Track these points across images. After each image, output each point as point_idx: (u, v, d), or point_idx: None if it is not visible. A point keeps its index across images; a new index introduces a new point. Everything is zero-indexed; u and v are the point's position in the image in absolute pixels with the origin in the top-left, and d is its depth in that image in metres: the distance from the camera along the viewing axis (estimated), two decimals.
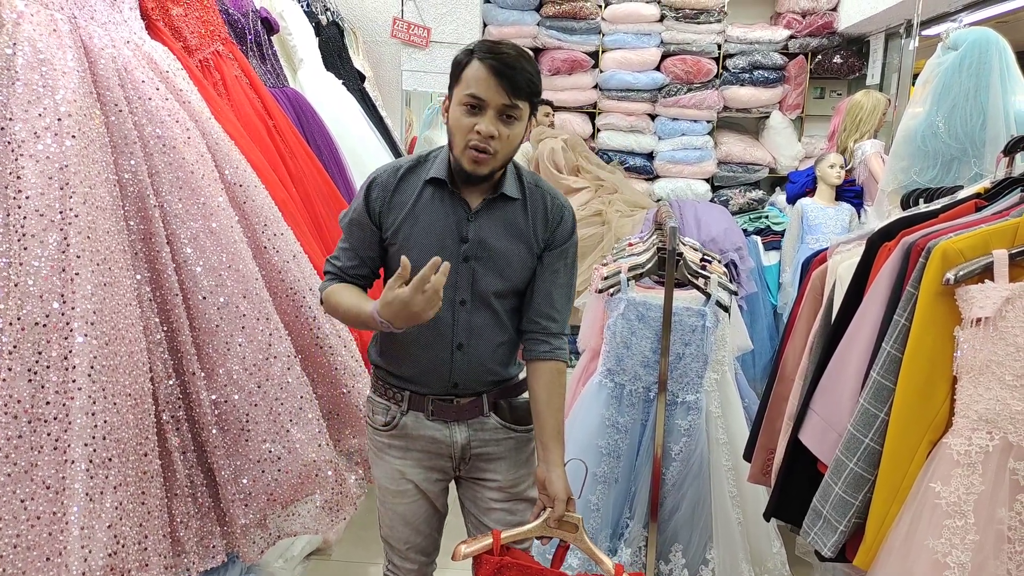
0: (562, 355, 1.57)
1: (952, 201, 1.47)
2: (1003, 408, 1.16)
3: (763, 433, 1.89)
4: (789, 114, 4.91)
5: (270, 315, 1.65)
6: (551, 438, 1.51)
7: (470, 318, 1.51)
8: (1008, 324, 1.16)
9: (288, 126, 2.34)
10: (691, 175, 4.93)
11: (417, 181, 1.51)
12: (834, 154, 3.86)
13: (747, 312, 4.05)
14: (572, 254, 1.58)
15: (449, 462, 1.59)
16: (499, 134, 1.39)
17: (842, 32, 4.71)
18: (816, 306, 1.77)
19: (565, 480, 1.50)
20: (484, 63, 1.37)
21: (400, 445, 1.58)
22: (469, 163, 1.41)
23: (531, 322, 1.56)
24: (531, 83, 1.40)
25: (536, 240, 1.53)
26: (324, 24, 3.43)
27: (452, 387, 1.54)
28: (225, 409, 1.59)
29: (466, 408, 1.56)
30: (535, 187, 1.55)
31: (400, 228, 1.49)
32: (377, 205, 1.50)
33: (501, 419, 1.59)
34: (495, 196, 1.49)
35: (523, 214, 1.52)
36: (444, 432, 1.56)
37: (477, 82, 1.37)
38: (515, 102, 1.39)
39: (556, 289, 1.55)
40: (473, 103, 1.38)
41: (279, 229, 1.80)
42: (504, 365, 1.58)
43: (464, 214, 1.49)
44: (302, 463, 1.64)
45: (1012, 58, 2.50)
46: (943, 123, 2.43)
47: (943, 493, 1.18)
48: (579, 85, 4.97)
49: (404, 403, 1.56)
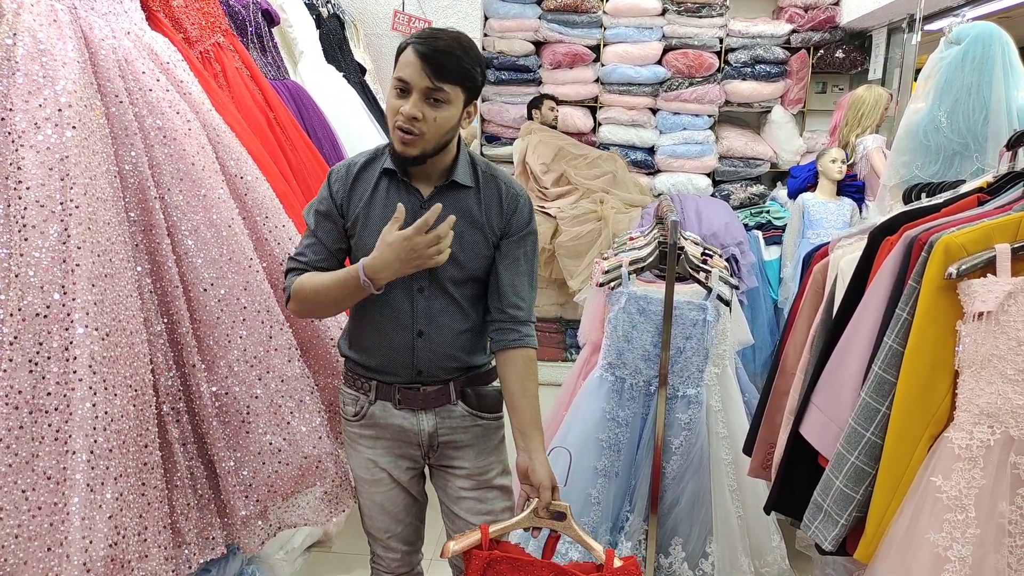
0: (531, 342, 1.59)
1: (954, 195, 1.47)
2: (1004, 402, 1.16)
3: (763, 427, 1.89)
4: (791, 109, 4.90)
5: (271, 307, 1.65)
6: (529, 426, 1.52)
7: (428, 305, 1.54)
8: (1010, 318, 1.16)
9: (289, 118, 2.33)
10: (692, 169, 4.92)
11: (373, 173, 1.55)
12: (836, 149, 3.86)
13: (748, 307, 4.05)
14: (531, 242, 1.60)
15: (418, 450, 1.62)
16: (423, 116, 1.42)
17: (844, 26, 4.70)
18: (817, 301, 1.77)
19: (548, 467, 1.51)
20: (413, 48, 1.42)
21: (370, 435, 1.61)
22: (397, 144, 1.46)
23: (497, 311, 1.58)
24: (461, 68, 1.43)
25: (491, 228, 1.55)
26: (325, 16, 3.42)
27: (416, 375, 1.57)
28: (226, 401, 1.59)
29: (432, 396, 1.58)
30: (489, 176, 1.58)
31: (358, 218, 1.54)
32: (338, 198, 1.55)
33: (468, 407, 1.61)
34: (447, 183, 1.53)
35: (476, 202, 1.55)
36: (411, 420, 1.59)
37: (404, 66, 1.42)
38: (439, 85, 1.41)
39: (518, 277, 1.58)
40: (400, 86, 1.43)
41: (280, 221, 1.80)
42: (468, 352, 1.60)
43: (418, 201, 1.52)
44: (303, 455, 1.64)
45: (1015, 53, 2.49)
46: (945, 118, 2.43)
47: (944, 487, 1.18)
48: (580, 79, 4.95)
49: (372, 392, 1.59)
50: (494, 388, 1.65)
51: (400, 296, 1.54)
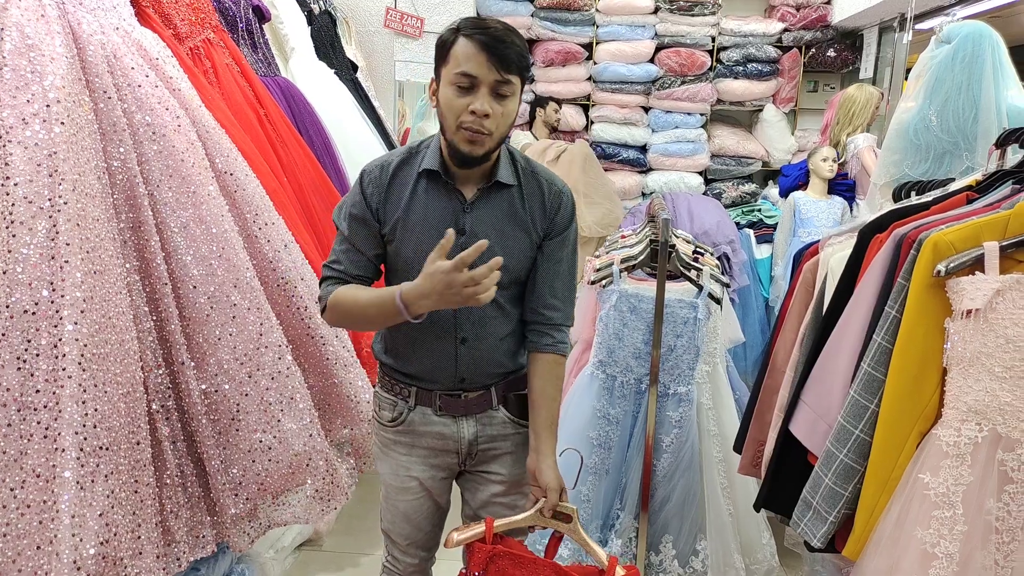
0: (564, 349, 1.55)
1: (944, 193, 1.47)
2: (992, 399, 1.17)
3: (753, 425, 1.90)
4: (782, 107, 4.91)
5: (261, 304, 1.65)
6: (544, 427, 1.50)
7: (471, 311, 1.47)
8: (998, 316, 1.16)
9: (279, 115, 2.32)
10: (684, 168, 4.93)
11: (411, 173, 1.46)
12: (827, 148, 3.87)
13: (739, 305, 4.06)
14: (573, 241, 1.54)
15: (455, 458, 1.57)
16: (493, 112, 1.34)
17: (836, 25, 4.71)
18: (807, 298, 1.78)
19: (556, 470, 1.49)
20: (472, 39, 1.32)
21: (406, 441, 1.56)
22: (465, 144, 1.36)
23: (534, 312, 1.53)
24: (521, 57, 1.36)
25: (535, 228, 1.49)
26: (316, 13, 3.40)
27: (459, 382, 1.52)
28: (215, 399, 1.58)
29: (475, 402, 1.54)
30: (531, 173, 1.51)
31: (397, 224, 1.45)
32: (374, 201, 1.46)
33: (510, 413, 1.57)
34: (490, 184, 1.45)
35: (520, 201, 1.48)
36: (452, 427, 1.54)
37: (467, 59, 1.32)
38: (507, 77, 1.33)
39: (558, 279, 1.52)
40: (464, 82, 1.33)
41: (270, 218, 1.79)
42: (511, 356, 1.56)
43: (460, 205, 1.45)
44: (293, 453, 1.63)
45: (1005, 52, 2.50)
46: (935, 117, 2.44)
47: (932, 484, 1.19)
48: (573, 77, 4.95)
49: (411, 399, 1.53)
50: None
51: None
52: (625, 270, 2.33)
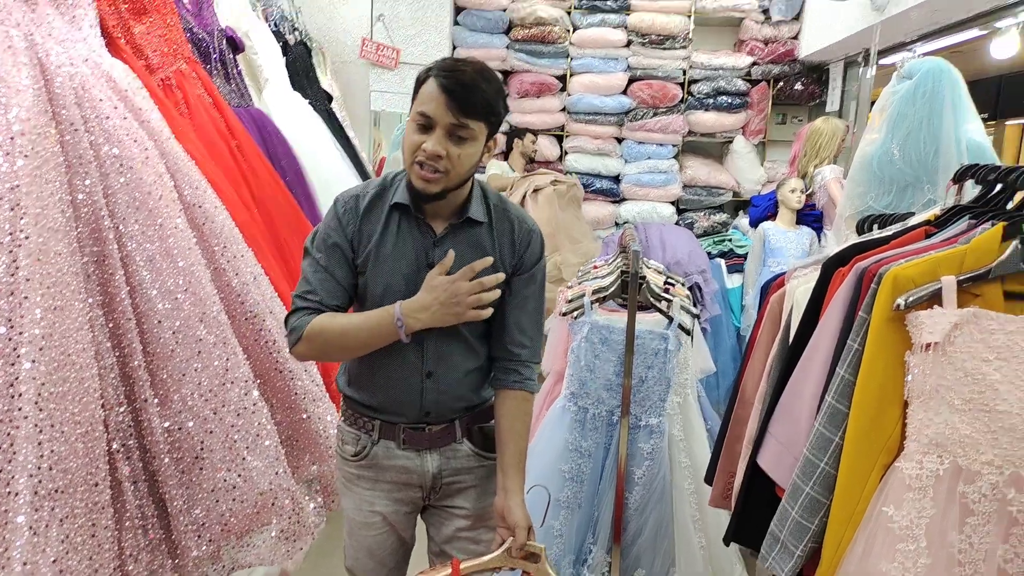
0: (531, 386, 1.55)
1: (903, 228, 1.50)
2: (952, 432, 1.18)
3: (723, 456, 1.90)
4: (752, 139, 5.01)
5: (227, 339, 1.63)
6: (511, 464, 1.50)
7: (439, 346, 1.48)
8: (956, 349, 1.18)
9: (252, 146, 2.32)
10: (657, 198, 5.00)
11: (383, 207, 1.48)
12: (795, 179, 3.94)
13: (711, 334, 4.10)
14: (540, 279, 1.56)
15: (419, 492, 1.56)
16: (447, 153, 1.36)
17: (803, 60, 4.83)
18: (775, 330, 1.79)
19: (524, 508, 1.48)
20: (437, 80, 1.35)
21: (370, 476, 1.55)
22: (418, 180, 1.39)
23: (501, 349, 1.53)
24: (487, 103, 1.37)
25: (503, 264, 1.50)
26: (291, 44, 3.43)
27: (424, 415, 1.52)
28: (179, 436, 1.55)
29: (439, 435, 1.53)
30: (502, 210, 1.53)
31: (369, 255, 1.46)
32: (349, 229, 1.46)
33: (474, 445, 1.57)
34: (461, 221, 1.47)
35: (489, 238, 1.50)
36: (416, 461, 1.53)
37: (429, 99, 1.35)
38: (464, 121, 1.35)
39: (525, 315, 1.53)
40: (422, 121, 1.37)
41: (239, 251, 1.78)
42: (476, 390, 1.56)
43: (430, 240, 1.47)
44: (258, 492, 1.60)
45: (964, 88, 2.58)
46: (898, 150, 2.50)
47: (896, 517, 1.19)
48: (547, 108, 5.02)
49: (375, 432, 1.53)
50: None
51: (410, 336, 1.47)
52: (596, 301, 2.34)
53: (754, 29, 4.86)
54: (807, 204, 3.93)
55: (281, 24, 3.41)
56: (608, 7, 4.89)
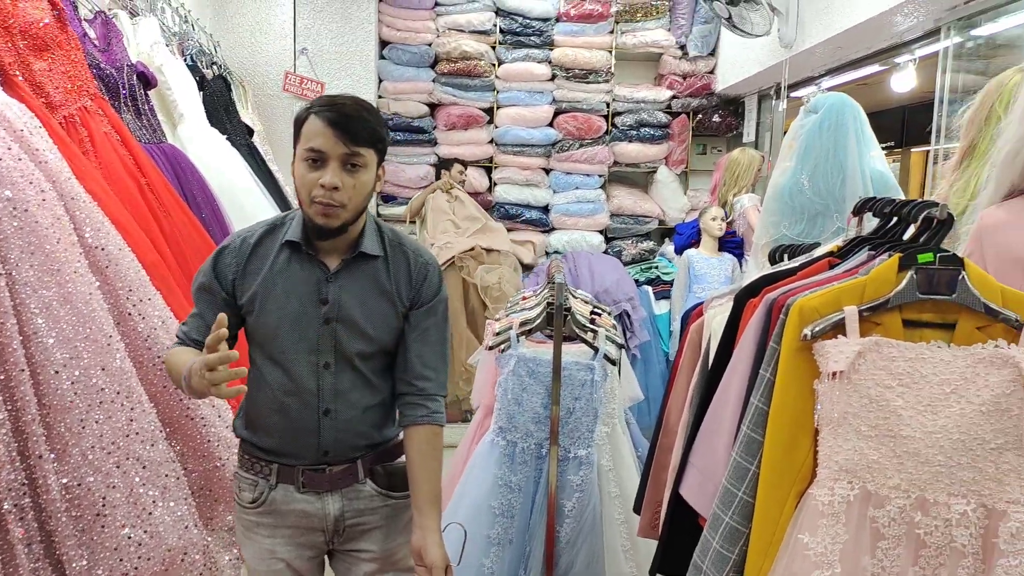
0: (438, 419, 1.53)
1: (808, 259, 1.55)
2: (861, 458, 1.21)
3: (650, 486, 1.91)
4: (675, 169, 5.15)
5: (132, 388, 1.55)
6: (426, 502, 1.47)
7: (335, 382, 1.46)
8: (861, 377, 1.22)
9: (163, 183, 2.24)
10: (585, 227, 5.06)
11: (273, 245, 1.47)
12: (715, 207, 4.07)
13: (641, 360, 4.16)
14: (442, 311, 1.55)
15: (322, 536, 1.52)
16: (343, 184, 1.37)
17: (719, 93, 5.02)
18: (695, 358, 1.82)
19: (442, 547, 1.45)
20: (320, 116, 1.37)
21: (269, 523, 1.50)
22: (318, 217, 1.39)
23: (405, 384, 1.52)
24: (372, 131, 1.40)
25: (400, 299, 1.50)
26: (209, 78, 3.35)
27: (323, 455, 1.48)
28: (78, 493, 1.46)
29: (339, 476, 1.50)
30: (397, 244, 1.53)
31: (256, 295, 1.45)
32: (230, 272, 1.46)
33: (378, 486, 1.53)
34: (354, 255, 1.47)
35: (385, 272, 1.50)
36: (316, 504, 1.49)
37: (316, 135, 1.36)
38: (355, 150, 1.37)
39: (428, 348, 1.52)
40: (313, 156, 1.37)
41: (146, 294, 1.70)
42: (378, 428, 1.54)
43: (323, 275, 1.46)
44: (166, 548, 1.52)
45: (865, 120, 2.72)
46: (807, 181, 2.60)
47: (811, 544, 1.21)
48: (475, 140, 5.05)
49: (272, 476, 1.48)
50: (403, 464, 1.57)
51: (304, 373, 1.45)
52: (523, 334, 2.34)
53: (672, 64, 5.02)
54: (728, 231, 4.06)
55: (199, 58, 3.33)
56: (532, 43, 4.98)
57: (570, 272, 4.25)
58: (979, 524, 1.17)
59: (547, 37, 4.98)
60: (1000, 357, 1.16)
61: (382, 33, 4.93)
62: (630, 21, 5.00)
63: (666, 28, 5.04)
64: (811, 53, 3.57)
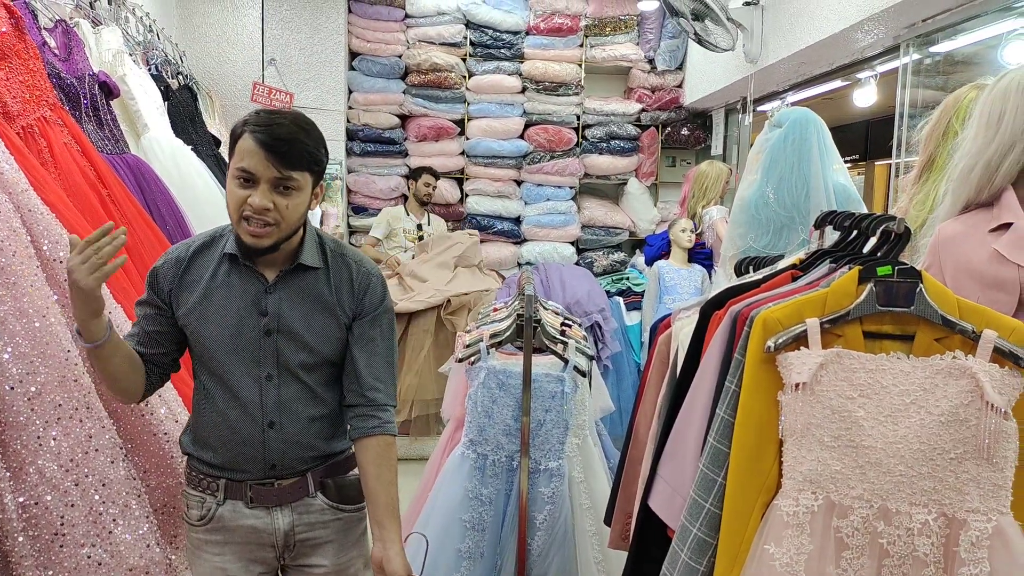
0: (390, 428, 1.51)
1: (772, 271, 1.57)
2: (824, 468, 1.23)
3: (621, 498, 1.91)
4: (645, 181, 5.20)
5: (91, 404, 1.51)
6: (385, 515, 1.45)
7: (279, 393, 1.46)
8: (823, 388, 1.23)
9: (125, 194, 2.20)
10: (557, 239, 5.09)
11: (212, 257, 1.47)
12: (685, 219, 4.11)
13: (613, 371, 4.17)
14: (387, 321, 1.55)
15: (272, 552, 1.50)
16: (275, 205, 1.36)
17: (687, 107, 5.09)
18: (663, 370, 1.83)
19: (403, 557, 1.44)
20: (253, 136, 1.34)
21: (218, 540, 1.48)
22: (247, 237, 1.38)
23: (355, 395, 1.50)
24: (306, 154, 1.38)
25: (343, 309, 1.49)
26: (175, 88, 3.31)
27: (270, 469, 1.47)
28: (35, 512, 1.42)
29: (288, 490, 1.48)
30: (339, 255, 1.52)
31: (194, 307, 1.44)
32: (166, 284, 1.45)
33: (328, 499, 1.52)
34: (293, 267, 1.46)
35: (326, 283, 1.49)
36: (265, 519, 1.47)
37: (248, 155, 1.34)
38: (287, 174, 1.35)
39: (375, 358, 1.51)
40: (244, 175, 1.35)
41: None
42: (326, 440, 1.52)
43: (262, 287, 1.45)
44: (127, 567, 1.48)
45: (827, 134, 2.77)
46: (773, 193, 2.65)
47: (777, 554, 1.22)
48: (446, 151, 5.05)
49: (220, 492, 1.47)
50: (355, 477, 1.56)
51: (247, 385, 1.44)
52: (493, 346, 2.33)
53: (641, 78, 5.08)
54: (697, 243, 4.10)
55: (163, 68, 3.29)
56: (502, 55, 5.00)
57: (542, 283, 4.26)
58: (940, 533, 1.19)
59: (517, 50, 5.01)
60: (958, 368, 1.18)
61: (352, 44, 4.91)
62: (599, 35, 5.06)
63: (635, 42, 5.10)
64: (776, 68, 3.64)
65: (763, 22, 3.62)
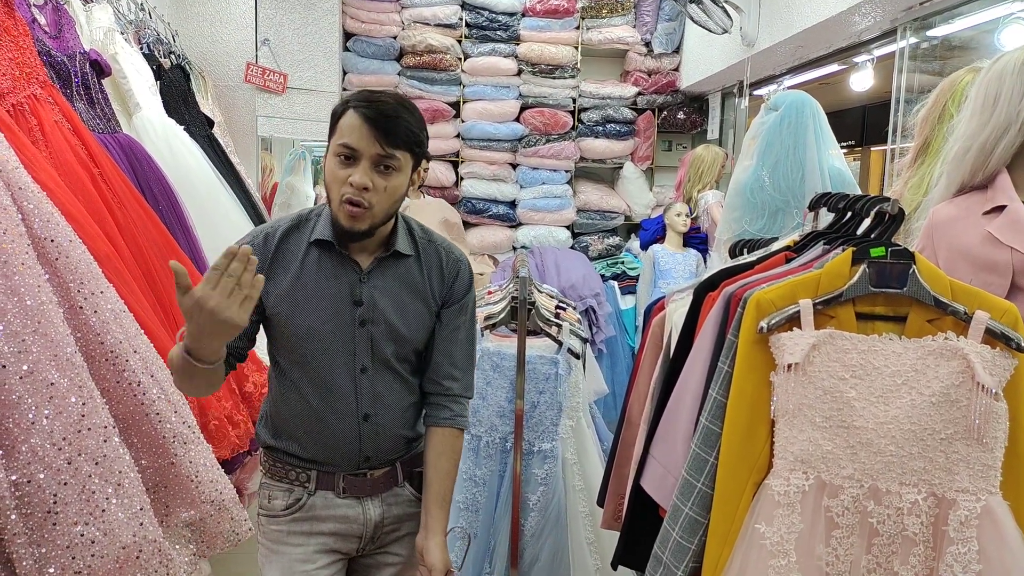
0: (462, 422, 1.52)
1: (766, 253, 1.58)
2: (815, 448, 1.23)
3: (613, 479, 1.92)
4: (640, 165, 5.18)
5: (83, 383, 1.50)
6: (434, 503, 1.46)
7: (373, 385, 1.43)
8: (815, 369, 1.24)
9: (117, 174, 2.18)
10: (552, 222, 5.07)
11: (300, 243, 1.42)
12: (680, 203, 4.11)
13: (607, 355, 4.18)
14: (471, 309, 1.53)
15: (356, 543, 1.49)
16: (374, 185, 1.32)
17: (684, 90, 5.06)
18: (657, 352, 1.84)
19: (444, 550, 1.44)
20: (358, 112, 1.31)
21: (303, 530, 1.46)
22: (345, 218, 1.34)
23: (433, 384, 1.50)
24: (409, 132, 1.34)
25: (433, 297, 1.47)
26: (167, 67, 3.27)
27: (364, 461, 1.45)
28: (28, 490, 1.41)
29: (380, 480, 1.48)
30: (428, 242, 1.50)
31: (285, 295, 1.39)
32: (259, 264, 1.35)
33: (415, 490, 1.52)
34: (387, 254, 1.43)
35: (418, 270, 1.46)
36: (356, 509, 1.47)
37: (351, 131, 1.31)
38: (390, 151, 1.32)
39: (456, 347, 1.50)
40: (346, 153, 1.32)
41: (98, 287, 1.66)
42: (412, 426, 1.52)
43: (356, 275, 1.41)
44: (120, 545, 1.48)
45: (824, 118, 2.76)
46: (768, 177, 2.64)
47: (767, 533, 1.23)
48: (441, 134, 5.02)
49: (311, 483, 1.45)
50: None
51: (341, 378, 1.41)
52: (488, 328, 2.33)
53: (637, 61, 5.05)
54: (693, 227, 4.10)
55: (156, 47, 3.26)
56: (498, 37, 4.96)
57: (537, 267, 4.26)
58: (930, 513, 1.20)
59: (513, 32, 4.97)
60: (949, 349, 1.19)
61: (346, 25, 4.87)
62: (596, 17, 5.02)
63: (631, 25, 5.07)
64: (772, 52, 3.62)
65: (760, 4, 3.60)
